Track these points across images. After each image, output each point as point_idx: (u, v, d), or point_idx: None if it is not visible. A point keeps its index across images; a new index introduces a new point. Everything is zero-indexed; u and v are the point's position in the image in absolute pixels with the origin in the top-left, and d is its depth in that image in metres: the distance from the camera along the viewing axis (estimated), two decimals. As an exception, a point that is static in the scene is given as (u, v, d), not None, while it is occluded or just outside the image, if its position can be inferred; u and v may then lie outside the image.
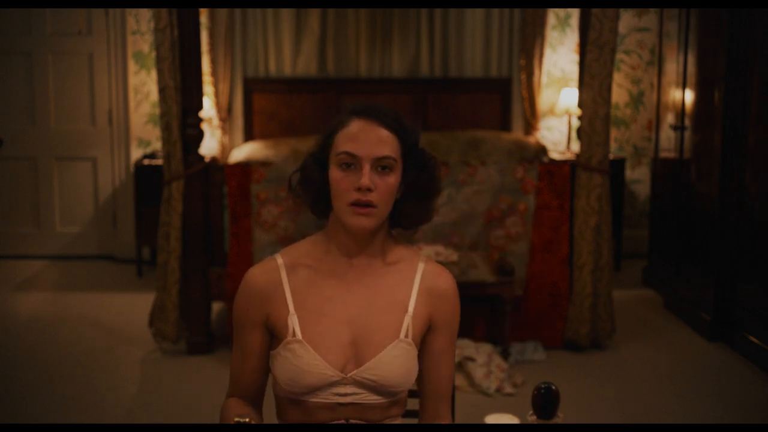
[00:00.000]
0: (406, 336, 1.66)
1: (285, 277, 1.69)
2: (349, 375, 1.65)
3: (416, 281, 1.70)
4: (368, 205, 1.60)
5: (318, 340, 1.65)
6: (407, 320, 1.67)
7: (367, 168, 1.60)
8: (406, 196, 1.68)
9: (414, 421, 1.78)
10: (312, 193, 1.69)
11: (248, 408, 1.72)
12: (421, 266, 1.72)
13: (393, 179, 1.63)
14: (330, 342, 1.65)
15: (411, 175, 1.67)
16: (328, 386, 1.65)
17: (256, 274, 1.71)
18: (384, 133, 1.63)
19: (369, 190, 1.59)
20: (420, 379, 1.73)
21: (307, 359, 1.64)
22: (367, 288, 1.69)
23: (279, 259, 1.71)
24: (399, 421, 1.73)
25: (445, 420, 1.73)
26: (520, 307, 4.18)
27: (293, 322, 1.66)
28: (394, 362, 1.65)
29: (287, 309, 1.67)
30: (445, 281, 1.72)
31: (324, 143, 1.67)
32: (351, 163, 1.61)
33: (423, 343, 1.72)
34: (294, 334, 1.66)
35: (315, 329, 1.66)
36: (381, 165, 1.61)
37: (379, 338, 1.65)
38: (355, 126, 1.63)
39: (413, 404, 1.79)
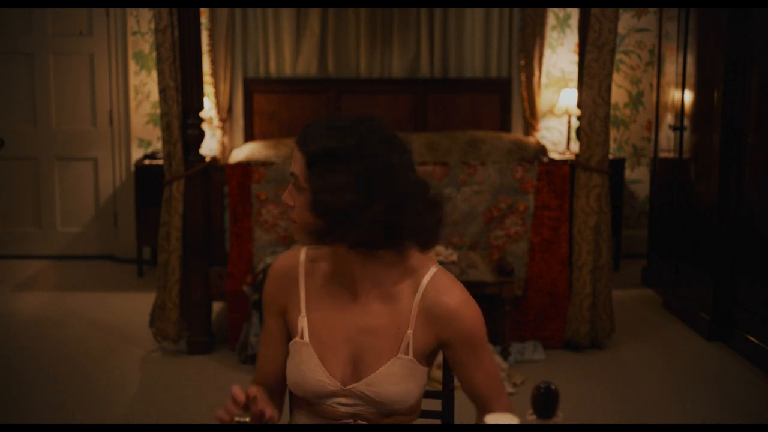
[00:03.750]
0: (407, 353, 1.63)
1: (302, 277, 1.71)
2: (347, 387, 1.65)
3: (417, 297, 1.64)
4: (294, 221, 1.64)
5: (322, 348, 1.66)
6: (407, 337, 1.64)
7: (290, 185, 1.63)
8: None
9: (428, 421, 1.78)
10: None
11: (263, 391, 1.69)
12: (425, 281, 1.65)
13: (302, 197, 1.59)
14: (332, 353, 1.66)
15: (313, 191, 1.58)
16: (329, 395, 1.66)
17: (281, 261, 1.76)
18: (296, 151, 1.62)
19: (288, 205, 1.64)
20: (462, 386, 1.70)
21: (310, 365, 1.65)
22: (372, 302, 1.67)
23: (302, 255, 1.73)
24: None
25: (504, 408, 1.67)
26: (519, 307, 4.19)
27: (303, 323, 1.68)
28: (391, 380, 1.63)
29: (299, 310, 1.69)
30: (450, 299, 1.63)
31: None
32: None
33: (446, 357, 1.70)
34: (302, 336, 1.67)
35: (320, 338, 1.67)
36: (293, 182, 1.62)
37: (378, 355, 1.64)
38: None
39: (433, 405, 1.78)
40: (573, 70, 5.94)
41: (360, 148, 1.55)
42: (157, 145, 5.93)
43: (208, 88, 5.70)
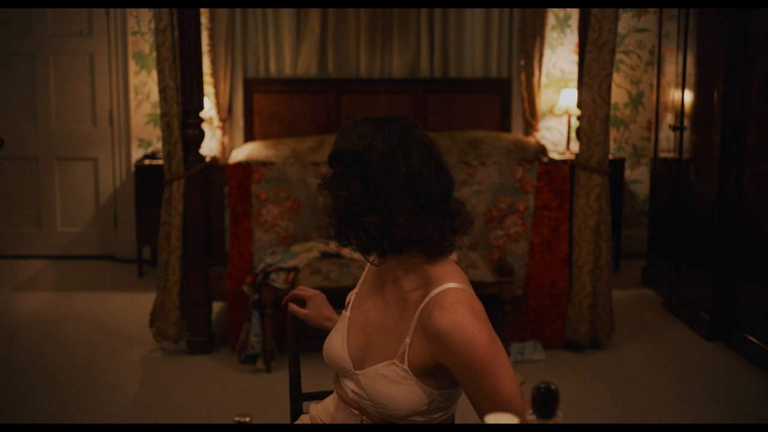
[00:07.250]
0: (402, 361, 1.63)
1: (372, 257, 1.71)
2: (355, 372, 1.71)
3: (419, 309, 1.64)
4: None
5: (352, 327, 1.76)
6: (405, 345, 1.64)
7: None
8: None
9: None
10: None
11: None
12: (431, 294, 1.62)
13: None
14: (355, 335, 1.74)
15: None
16: (343, 374, 1.74)
17: None
18: None
19: None
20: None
21: (339, 336, 1.76)
22: (391, 301, 1.71)
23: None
24: None
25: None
26: (519, 307, 4.19)
27: (351, 297, 1.83)
28: (382, 381, 1.65)
29: (357, 285, 1.84)
30: (441, 319, 1.57)
31: None
32: None
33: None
34: (347, 308, 1.80)
35: (354, 316, 1.77)
36: None
37: (380, 352, 1.68)
38: None
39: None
40: (573, 70, 5.94)
41: (368, 153, 1.59)
42: (157, 145, 5.93)
43: (208, 88, 5.70)
